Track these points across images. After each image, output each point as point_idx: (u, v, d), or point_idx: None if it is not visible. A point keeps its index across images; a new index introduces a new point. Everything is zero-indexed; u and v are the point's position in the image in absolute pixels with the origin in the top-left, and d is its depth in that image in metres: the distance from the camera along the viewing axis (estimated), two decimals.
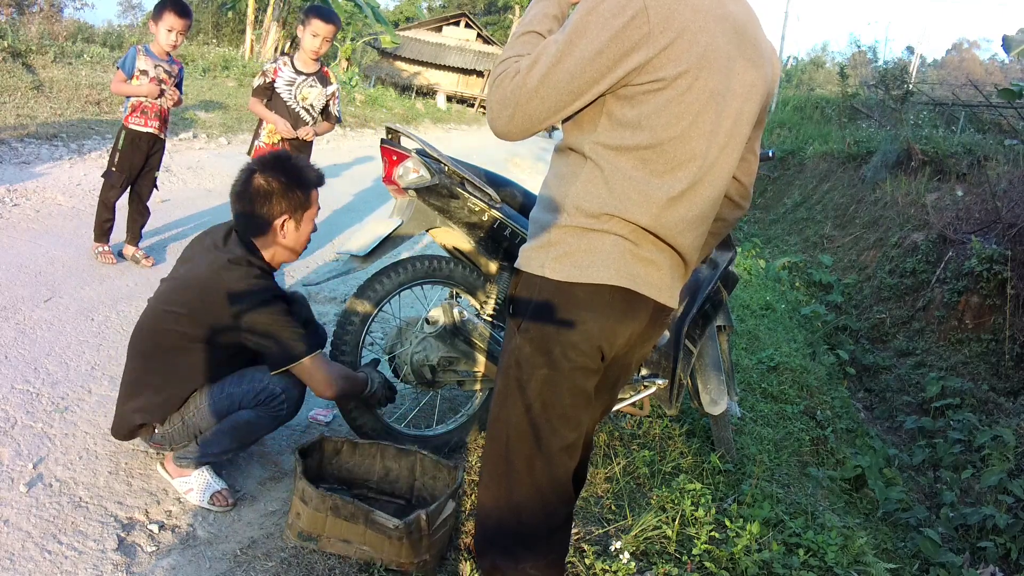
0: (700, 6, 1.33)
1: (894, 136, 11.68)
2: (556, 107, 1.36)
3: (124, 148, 3.90)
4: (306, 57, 4.03)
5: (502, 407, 1.51)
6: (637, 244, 1.41)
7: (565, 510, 1.57)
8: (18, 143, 5.84)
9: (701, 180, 1.42)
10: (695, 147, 1.38)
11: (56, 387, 2.71)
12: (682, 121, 1.35)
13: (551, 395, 1.45)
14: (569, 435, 1.49)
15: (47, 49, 8.95)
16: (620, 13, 1.29)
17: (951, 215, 8.42)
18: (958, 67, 43.18)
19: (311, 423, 2.92)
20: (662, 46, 1.30)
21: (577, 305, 1.40)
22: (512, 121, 1.38)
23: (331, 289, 4.51)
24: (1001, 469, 4.67)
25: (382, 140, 2.53)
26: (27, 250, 3.88)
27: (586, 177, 1.40)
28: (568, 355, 1.42)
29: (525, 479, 1.50)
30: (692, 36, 1.32)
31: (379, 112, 16.00)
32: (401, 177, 2.45)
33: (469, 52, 33.69)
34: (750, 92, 1.45)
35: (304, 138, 4.09)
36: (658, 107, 1.34)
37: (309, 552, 2.07)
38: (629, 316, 1.43)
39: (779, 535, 2.75)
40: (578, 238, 1.40)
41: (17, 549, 1.91)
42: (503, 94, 1.38)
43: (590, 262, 1.39)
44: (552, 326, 1.42)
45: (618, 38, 1.29)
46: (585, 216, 1.39)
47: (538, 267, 1.43)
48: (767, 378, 4.83)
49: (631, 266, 1.40)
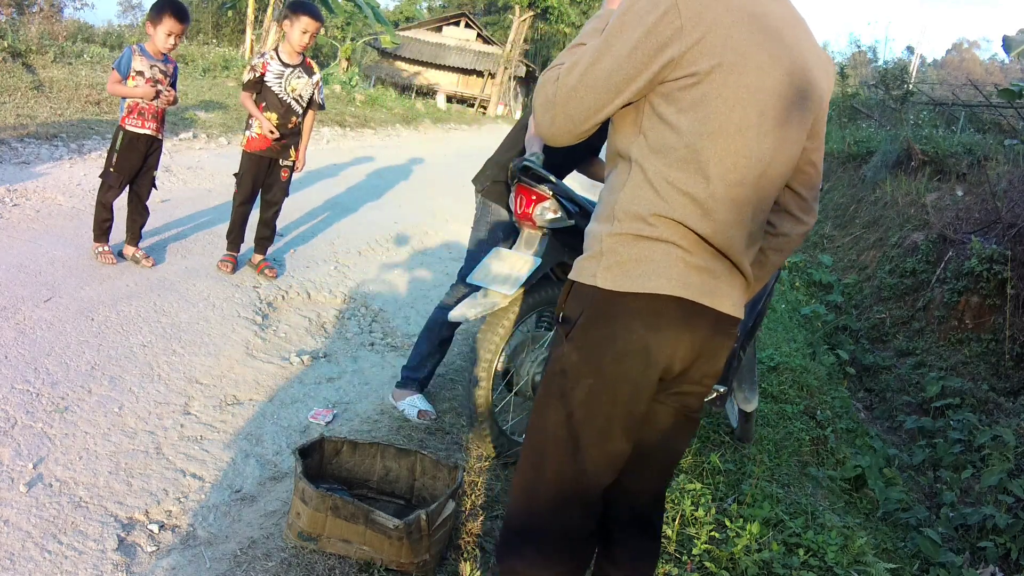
0: (732, 3, 1.34)
1: (894, 136, 11.69)
2: (596, 106, 1.37)
3: (122, 149, 3.89)
4: (291, 50, 4.14)
5: (542, 415, 1.49)
6: (690, 252, 1.38)
7: (590, 525, 1.54)
8: (18, 143, 5.84)
9: (746, 182, 1.39)
10: (735, 145, 1.36)
11: (56, 387, 2.71)
12: (719, 116, 1.34)
13: (595, 406, 1.42)
14: (608, 448, 1.46)
15: (47, 49, 8.95)
16: (652, 10, 1.32)
17: (951, 215, 8.42)
18: (958, 67, 43.19)
19: (311, 423, 2.92)
20: (694, 40, 1.31)
21: (629, 315, 1.38)
22: (554, 123, 1.40)
23: (330, 289, 4.51)
24: (1001, 469, 4.66)
25: (519, 179, 2.64)
26: (27, 250, 3.88)
27: (633, 182, 1.39)
28: (617, 366, 1.39)
29: (553, 489, 1.48)
30: (724, 31, 1.32)
31: (379, 112, 15.99)
32: (539, 216, 2.62)
33: (469, 52, 33.69)
34: (797, 94, 1.42)
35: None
36: (695, 102, 1.34)
37: (309, 552, 2.07)
38: (685, 326, 1.39)
39: (779, 535, 2.75)
40: (629, 246, 1.38)
41: (17, 549, 1.91)
42: (545, 97, 1.40)
43: (642, 271, 1.37)
44: (602, 336, 1.40)
45: (651, 34, 1.31)
46: (635, 221, 1.38)
47: (589, 276, 1.41)
48: (767, 378, 4.83)
49: (685, 274, 1.37)
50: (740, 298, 1.50)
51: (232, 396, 3.00)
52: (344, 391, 3.28)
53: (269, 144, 4.22)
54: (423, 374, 3.13)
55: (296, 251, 5.09)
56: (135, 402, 2.77)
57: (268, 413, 2.93)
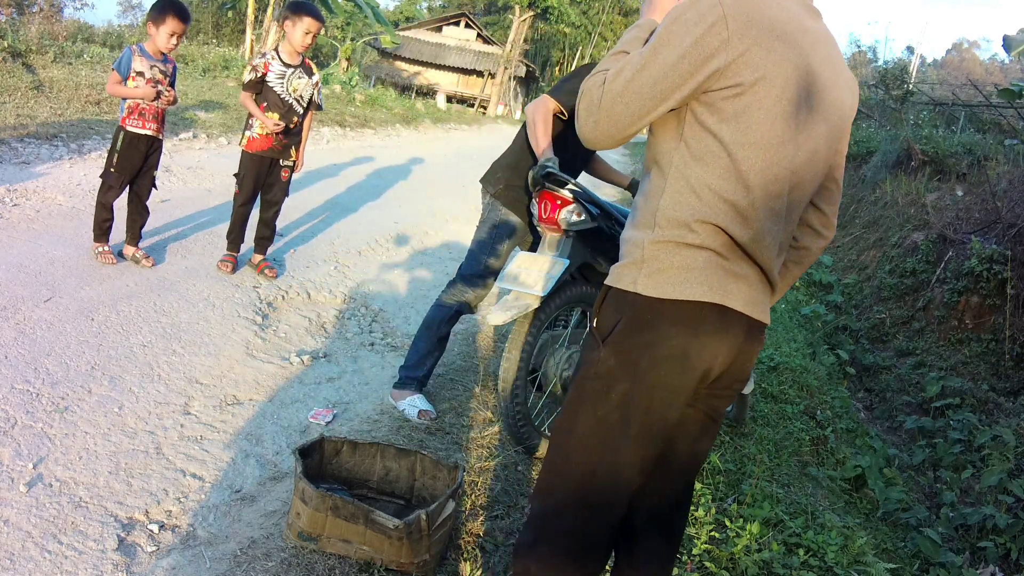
0: (778, 18, 1.38)
1: (894, 136, 11.69)
2: (640, 112, 1.39)
3: (122, 150, 3.89)
4: (292, 50, 4.15)
5: (573, 417, 1.50)
6: (727, 258, 1.42)
7: (608, 530, 1.56)
8: (18, 143, 5.84)
9: (783, 193, 1.44)
10: (776, 156, 1.40)
11: (56, 387, 2.71)
12: (761, 128, 1.38)
13: (629, 410, 1.44)
14: (640, 453, 1.48)
15: (47, 49, 8.95)
16: (701, 21, 1.35)
17: (951, 215, 8.42)
18: (958, 67, 43.20)
19: (311, 423, 2.93)
20: (740, 52, 1.35)
21: (669, 321, 1.40)
22: (597, 127, 1.42)
23: (330, 289, 4.51)
24: (1001, 469, 4.67)
25: (544, 185, 2.73)
26: (27, 250, 3.88)
27: (674, 188, 1.42)
28: (654, 371, 1.42)
29: (574, 491, 1.49)
30: (768, 44, 1.36)
31: (379, 112, 15.99)
32: (564, 219, 2.72)
33: (469, 52, 33.69)
34: (828, 112, 1.47)
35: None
36: (737, 112, 1.37)
37: (309, 552, 2.07)
38: (722, 332, 1.43)
39: (779, 535, 2.75)
40: (671, 254, 1.41)
41: (17, 549, 1.91)
42: (589, 101, 1.42)
43: (684, 279, 1.39)
44: (641, 341, 1.42)
45: (699, 44, 1.34)
46: (678, 227, 1.40)
47: (630, 283, 1.43)
48: (767, 378, 4.83)
49: (723, 281, 1.41)
50: (768, 304, 1.54)
51: (232, 396, 3.00)
52: (344, 391, 3.28)
53: (270, 144, 4.22)
54: (422, 373, 3.14)
55: (296, 251, 5.10)
56: (135, 402, 2.77)
57: (268, 413, 2.93)
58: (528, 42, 34.94)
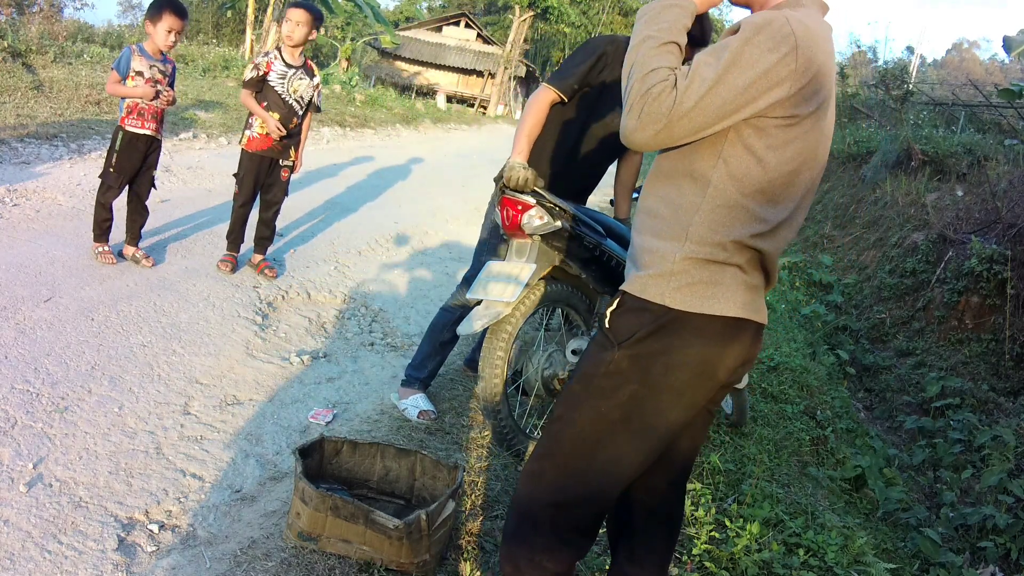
0: (828, 50, 1.44)
1: (894, 136, 11.67)
2: (699, 129, 1.40)
3: (121, 149, 3.89)
4: (290, 49, 4.16)
5: (572, 409, 1.53)
6: (748, 272, 1.47)
7: (597, 517, 1.60)
8: (18, 143, 5.84)
9: (804, 206, 1.52)
10: (810, 176, 1.48)
11: (56, 387, 2.71)
12: (805, 154, 1.44)
13: (632, 410, 1.47)
14: (638, 449, 1.51)
15: (47, 49, 8.95)
16: (775, 49, 1.36)
17: (951, 215, 8.42)
18: (958, 67, 43.20)
19: (311, 423, 2.92)
20: (803, 83, 1.38)
21: (691, 332, 1.44)
22: (657, 136, 1.42)
23: (330, 289, 4.51)
24: (1001, 469, 4.66)
25: (504, 191, 2.69)
26: (27, 250, 3.88)
27: (710, 206, 1.44)
28: (666, 376, 1.45)
29: (569, 479, 1.53)
30: (823, 77, 1.41)
31: (379, 112, 15.99)
32: (527, 225, 2.66)
33: (469, 52, 33.67)
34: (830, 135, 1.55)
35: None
36: (787, 141, 1.41)
37: (309, 552, 2.07)
38: (736, 341, 1.48)
39: (779, 535, 2.75)
40: (700, 269, 1.44)
41: (17, 549, 1.91)
42: (658, 110, 1.39)
43: (712, 294, 1.44)
44: (659, 347, 1.45)
45: (769, 73, 1.36)
46: (712, 246, 1.43)
47: (657, 295, 1.45)
48: (767, 378, 4.83)
49: (745, 296, 1.46)
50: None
51: (232, 396, 3.00)
52: (344, 391, 3.28)
53: (270, 144, 4.23)
54: (424, 374, 3.15)
55: (296, 251, 5.10)
56: (135, 402, 2.77)
57: (268, 413, 2.93)
58: (528, 42, 34.91)
